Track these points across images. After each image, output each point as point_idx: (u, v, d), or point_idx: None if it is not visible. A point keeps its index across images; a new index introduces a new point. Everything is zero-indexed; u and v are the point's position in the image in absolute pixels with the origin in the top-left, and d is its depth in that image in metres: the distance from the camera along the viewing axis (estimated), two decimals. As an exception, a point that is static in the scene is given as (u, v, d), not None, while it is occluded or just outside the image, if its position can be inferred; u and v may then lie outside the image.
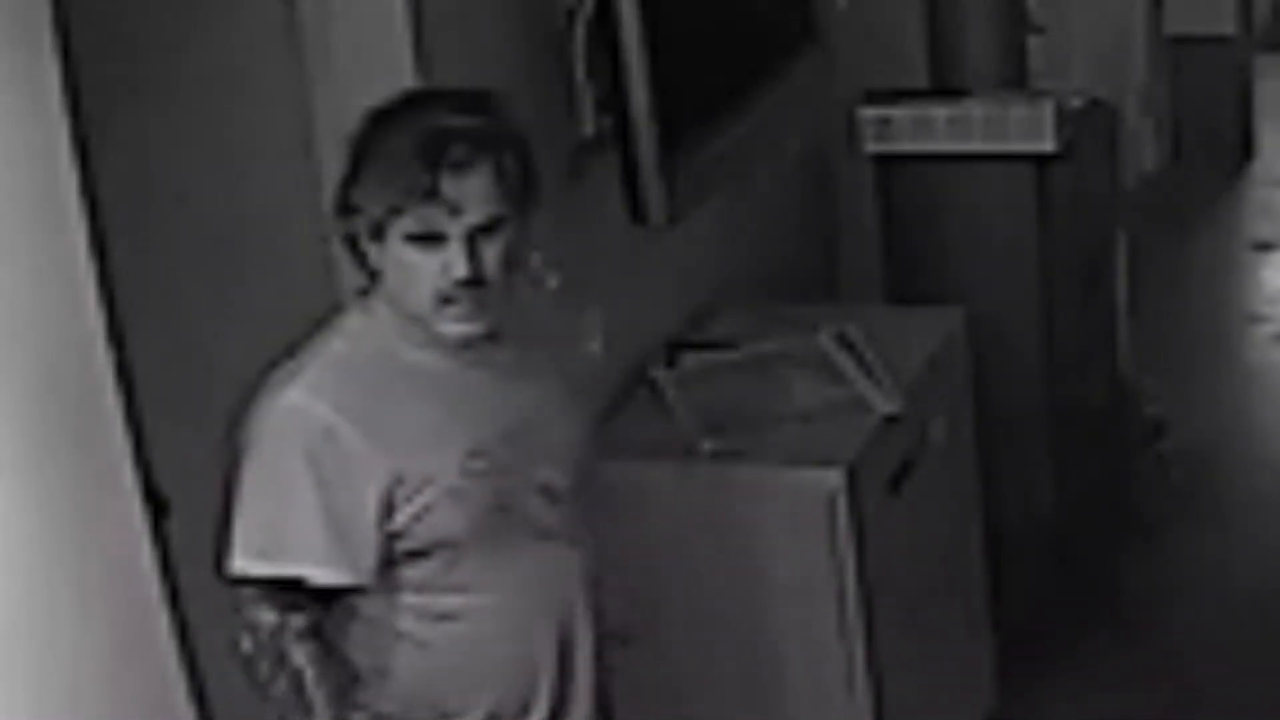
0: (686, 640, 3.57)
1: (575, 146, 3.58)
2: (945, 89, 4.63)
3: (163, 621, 2.52)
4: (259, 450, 2.41)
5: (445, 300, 2.38)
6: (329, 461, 2.38)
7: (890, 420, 3.62)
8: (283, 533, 2.41)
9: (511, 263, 2.42)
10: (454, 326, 2.40)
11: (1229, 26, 7.63)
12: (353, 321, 2.49)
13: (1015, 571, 4.48)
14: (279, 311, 3.22)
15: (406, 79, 3.15)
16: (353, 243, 2.43)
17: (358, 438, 2.39)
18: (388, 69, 3.16)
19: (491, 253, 2.37)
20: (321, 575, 2.41)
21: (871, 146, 4.58)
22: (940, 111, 4.49)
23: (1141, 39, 7.09)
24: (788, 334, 3.89)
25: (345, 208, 2.41)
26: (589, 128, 3.59)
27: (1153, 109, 7.24)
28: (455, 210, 2.34)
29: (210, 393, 3.06)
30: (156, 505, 2.61)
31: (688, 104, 3.54)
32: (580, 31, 3.50)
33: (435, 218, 2.34)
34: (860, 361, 3.76)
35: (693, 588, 3.52)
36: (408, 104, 2.46)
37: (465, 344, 2.44)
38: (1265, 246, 7.00)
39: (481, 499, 2.45)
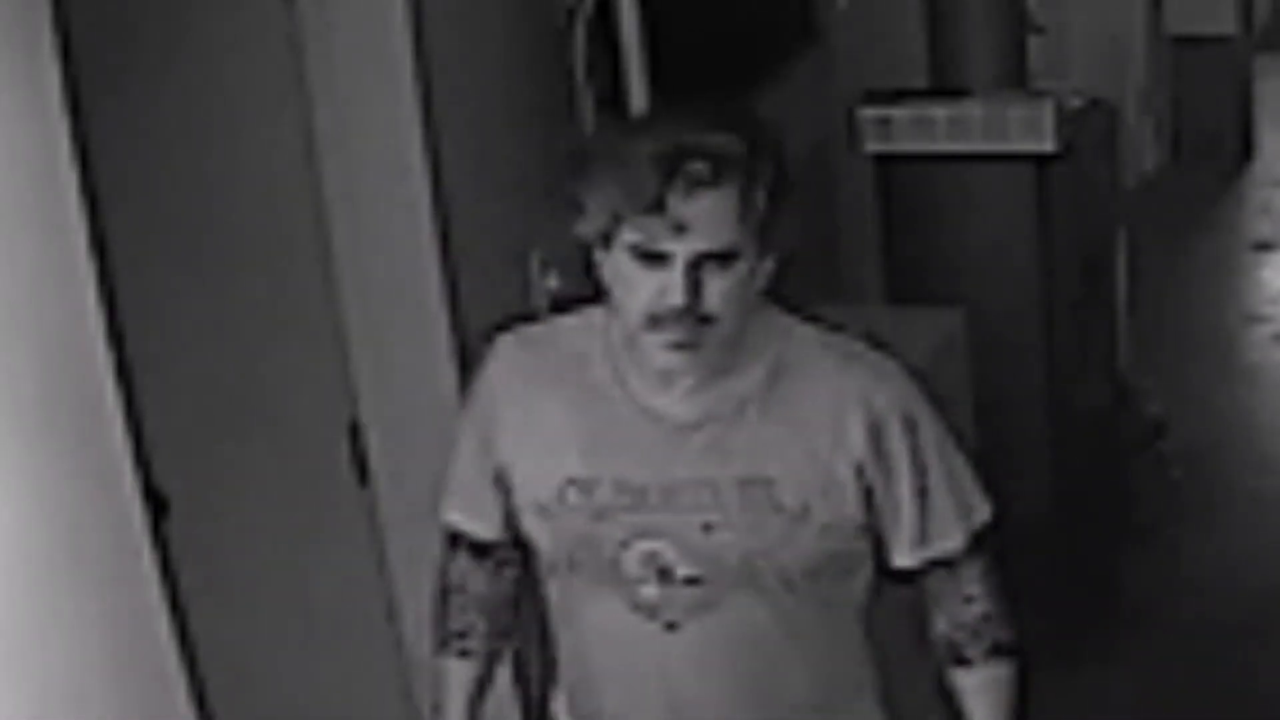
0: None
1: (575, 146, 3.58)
2: (945, 89, 4.63)
3: (163, 621, 2.52)
4: None
5: (655, 322, 2.18)
6: (486, 421, 2.40)
7: (890, 420, 3.62)
8: (449, 469, 2.51)
9: (743, 302, 2.21)
10: (661, 354, 2.20)
11: (1229, 26, 7.64)
12: (594, 316, 2.39)
13: (1015, 571, 4.47)
14: (278, 310, 3.23)
15: (406, 79, 3.15)
16: (585, 245, 2.27)
17: (504, 413, 2.38)
18: (388, 69, 3.16)
19: (718, 285, 2.16)
20: (446, 512, 2.50)
21: (871, 146, 4.58)
22: (940, 111, 4.49)
23: (1141, 39, 7.10)
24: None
25: (573, 202, 2.24)
26: (589, 128, 3.59)
27: (1153, 109, 7.25)
28: (679, 229, 2.13)
29: (210, 393, 3.06)
30: (156, 505, 2.61)
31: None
32: (580, 31, 3.51)
33: (657, 233, 2.14)
34: (860, 361, 3.75)
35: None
36: (666, 110, 2.33)
37: (669, 378, 2.25)
38: (1265, 246, 7.01)
39: (568, 529, 2.33)
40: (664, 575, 2.30)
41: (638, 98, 3.39)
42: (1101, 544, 4.82)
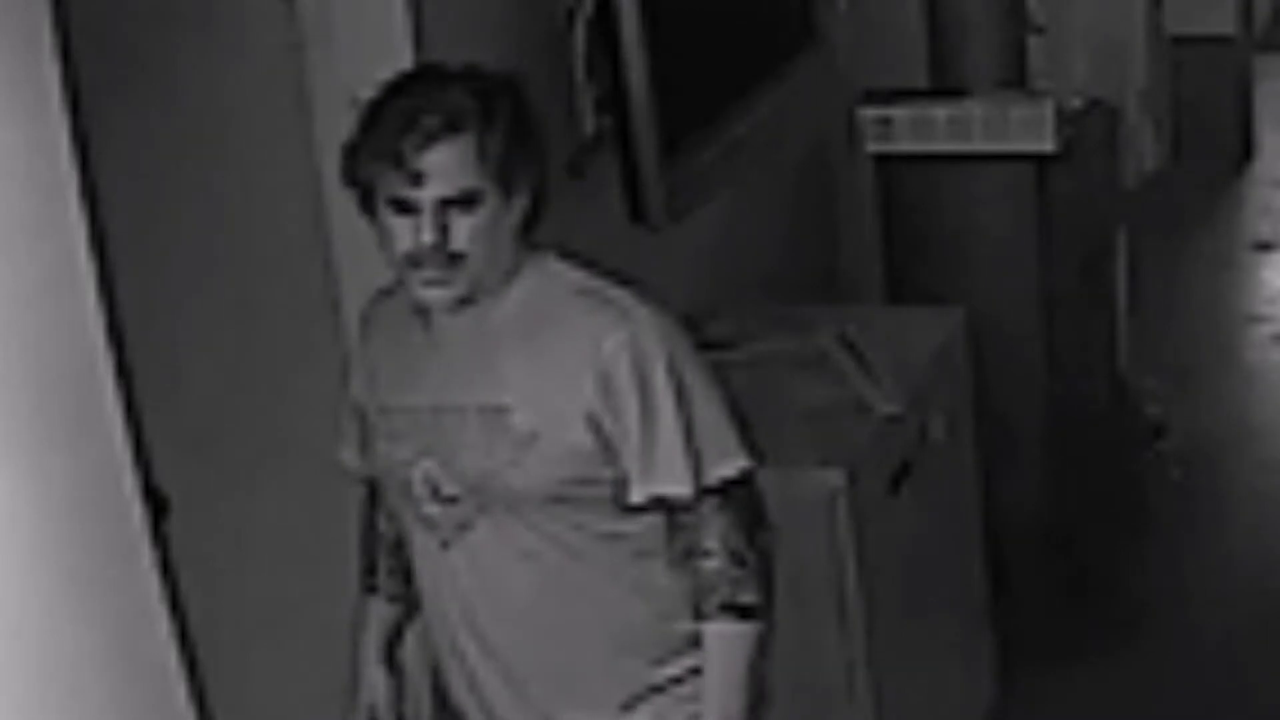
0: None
1: (575, 146, 3.58)
2: (945, 89, 4.63)
3: (162, 621, 2.52)
4: None
5: (415, 263, 2.42)
6: (351, 366, 2.74)
7: (890, 420, 3.62)
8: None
9: (493, 240, 2.43)
10: (422, 290, 2.45)
11: (1229, 26, 7.63)
12: None
13: (1015, 571, 4.48)
14: (279, 310, 3.23)
15: (406, 79, 3.15)
16: (366, 209, 2.50)
17: (356, 356, 2.70)
18: (388, 69, 3.16)
19: (464, 226, 2.40)
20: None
21: (871, 146, 4.58)
22: (940, 111, 4.49)
23: (1141, 39, 7.09)
24: (788, 334, 3.88)
25: (347, 173, 2.50)
26: (589, 128, 3.59)
27: (1153, 109, 7.24)
28: (418, 179, 2.37)
29: (210, 393, 3.06)
30: (156, 505, 2.61)
31: (688, 104, 3.54)
32: (580, 31, 3.50)
33: (402, 186, 2.38)
34: (860, 361, 3.76)
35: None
36: (411, 77, 2.56)
37: (437, 310, 2.49)
38: (1265, 246, 7.01)
39: (380, 453, 2.62)
40: (436, 493, 2.53)
41: (638, 98, 3.39)
42: (1101, 544, 4.83)
